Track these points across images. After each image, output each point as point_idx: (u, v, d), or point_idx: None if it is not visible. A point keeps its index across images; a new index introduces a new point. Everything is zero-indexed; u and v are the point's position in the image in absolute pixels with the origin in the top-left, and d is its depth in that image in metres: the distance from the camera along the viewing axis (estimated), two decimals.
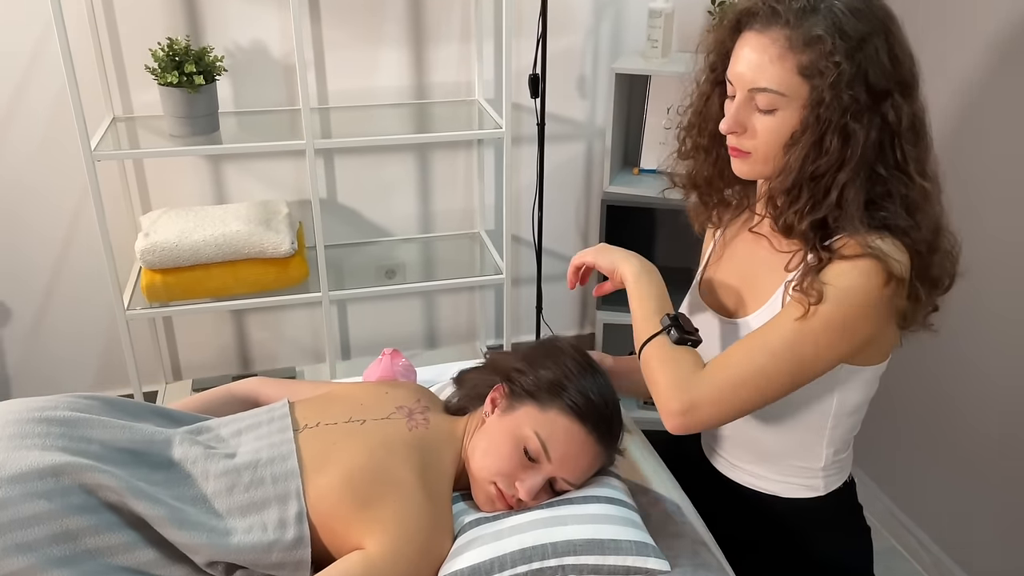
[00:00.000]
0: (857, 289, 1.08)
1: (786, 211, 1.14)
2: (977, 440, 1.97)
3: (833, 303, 1.08)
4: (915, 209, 1.11)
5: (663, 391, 1.12)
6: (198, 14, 2.27)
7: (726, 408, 1.11)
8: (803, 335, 1.09)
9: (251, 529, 1.08)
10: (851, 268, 1.09)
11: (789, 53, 1.09)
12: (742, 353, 1.12)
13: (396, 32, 2.40)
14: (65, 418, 1.12)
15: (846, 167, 1.08)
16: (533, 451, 1.16)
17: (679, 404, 1.10)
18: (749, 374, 1.10)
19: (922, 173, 1.10)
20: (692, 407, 1.10)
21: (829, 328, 1.09)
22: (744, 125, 1.15)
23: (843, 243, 1.11)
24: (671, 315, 1.18)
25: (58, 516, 1.01)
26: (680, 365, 1.13)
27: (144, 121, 2.30)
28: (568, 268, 1.36)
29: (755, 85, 1.12)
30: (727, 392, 1.11)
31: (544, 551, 1.08)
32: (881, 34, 1.07)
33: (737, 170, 1.22)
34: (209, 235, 2.16)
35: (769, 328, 1.12)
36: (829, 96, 1.06)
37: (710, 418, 1.11)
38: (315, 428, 1.20)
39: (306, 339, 2.73)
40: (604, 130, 2.59)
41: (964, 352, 1.96)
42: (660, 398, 1.13)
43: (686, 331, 1.17)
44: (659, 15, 2.30)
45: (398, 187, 2.59)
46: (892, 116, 1.07)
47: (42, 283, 2.43)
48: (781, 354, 1.10)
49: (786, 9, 1.10)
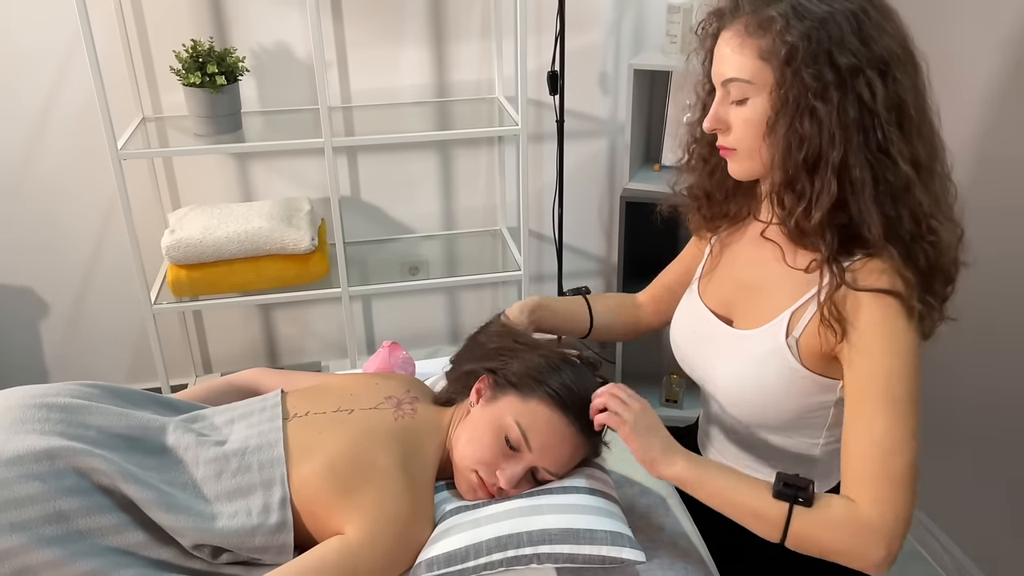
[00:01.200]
0: (902, 329, 1.07)
1: (795, 211, 1.11)
2: (1000, 441, 1.93)
3: (905, 370, 1.06)
4: (898, 199, 1.08)
5: (853, 554, 1.04)
6: (224, 16, 2.33)
7: (907, 515, 1.04)
8: (907, 418, 1.05)
9: (236, 514, 1.11)
10: (892, 321, 1.07)
11: (748, 39, 1.10)
12: (876, 472, 1.04)
13: (417, 31, 2.44)
14: (65, 404, 1.17)
15: (835, 148, 1.06)
16: (514, 440, 1.17)
17: (880, 550, 1.02)
18: (899, 483, 1.04)
19: (907, 158, 1.07)
20: (890, 542, 1.02)
21: (914, 390, 1.07)
22: (724, 121, 1.16)
23: (864, 268, 1.10)
24: (778, 483, 1.07)
25: (51, 497, 1.05)
26: (841, 521, 1.04)
27: (172, 121, 2.36)
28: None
29: (724, 77, 1.13)
30: (899, 503, 1.04)
31: (519, 539, 1.09)
32: (849, 13, 1.06)
33: (731, 171, 1.21)
34: (232, 231, 2.22)
35: (874, 430, 1.06)
36: (789, 76, 1.06)
37: (904, 535, 1.04)
38: (304, 417, 1.23)
39: (332, 334, 2.78)
40: (624, 126, 2.59)
41: (988, 353, 1.92)
42: (854, 561, 1.04)
43: (801, 487, 1.06)
44: (678, 10, 2.29)
45: (421, 184, 2.62)
46: (867, 95, 1.05)
47: (78, 279, 2.52)
48: (905, 442, 1.05)
49: (746, 1, 1.11)
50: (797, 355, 1.16)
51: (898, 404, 1.05)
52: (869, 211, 1.07)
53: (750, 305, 1.25)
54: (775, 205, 1.16)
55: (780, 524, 1.06)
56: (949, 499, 2.12)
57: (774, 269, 1.22)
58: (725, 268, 1.35)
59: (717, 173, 1.30)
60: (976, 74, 1.85)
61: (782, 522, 1.05)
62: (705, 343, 1.31)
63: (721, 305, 1.31)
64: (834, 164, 1.07)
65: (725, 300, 1.31)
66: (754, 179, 1.23)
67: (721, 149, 1.20)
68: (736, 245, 1.34)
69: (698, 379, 1.34)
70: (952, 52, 1.89)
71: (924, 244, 1.10)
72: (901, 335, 1.07)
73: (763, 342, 1.19)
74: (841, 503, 1.05)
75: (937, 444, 2.12)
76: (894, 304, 1.07)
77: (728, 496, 1.09)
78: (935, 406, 2.10)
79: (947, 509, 2.14)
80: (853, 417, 1.08)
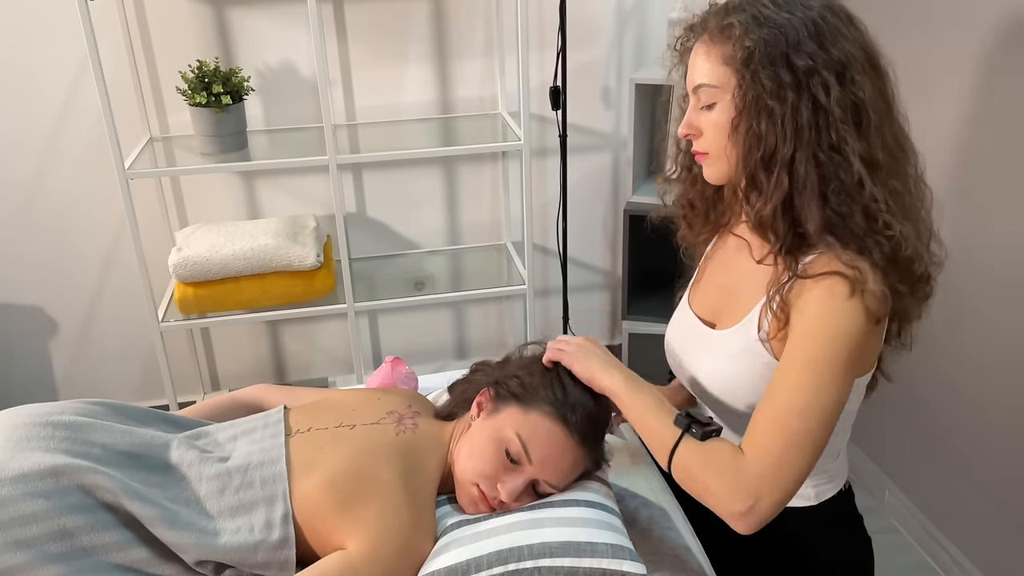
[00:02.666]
0: (847, 316, 1.08)
1: (755, 204, 1.16)
2: (1012, 453, 1.92)
3: (834, 341, 1.08)
4: (850, 195, 1.11)
5: (718, 496, 1.06)
6: (230, 36, 2.35)
7: (787, 481, 1.06)
8: (820, 387, 1.07)
9: (239, 530, 1.12)
10: (828, 297, 1.09)
11: (714, 47, 1.15)
12: (772, 427, 1.07)
13: (420, 49, 2.46)
14: (70, 422, 1.18)
15: (787, 146, 1.10)
16: (514, 453, 1.18)
17: (743, 502, 1.04)
18: (792, 443, 1.06)
19: (862, 157, 1.10)
20: (756, 497, 1.04)
21: (840, 363, 1.08)
22: (696, 127, 1.20)
23: (815, 261, 1.12)
24: (682, 413, 1.13)
25: (55, 515, 1.06)
26: (722, 461, 1.07)
27: (179, 140, 2.39)
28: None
29: (694, 84, 1.18)
30: (783, 466, 1.05)
31: (520, 553, 1.09)
32: (808, 20, 1.10)
33: (705, 175, 1.25)
34: (238, 249, 2.24)
35: (782, 392, 1.09)
36: (748, 77, 1.10)
37: (775, 503, 1.05)
38: (306, 433, 1.24)
39: (339, 350, 2.79)
40: (627, 140, 2.60)
41: (993, 364, 1.92)
42: (718, 503, 1.06)
43: (704, 423, 1.11)
44: (677, 25, 2.30)
45: (426, 200, 2.64)
46: (822, 96, 1.08)
47: (87, 297, 2.54)
48: (811, 409, 1.07)
49: (711, 13, 1.17)
50: (769, 350, 1.18)
51: (815, 369, 1.07)
52: (809, 205, 1.11)
53: (730, 307, 1.28)
54: (744, 203, 1.20)
55: (668, 448, 1.11)
56: (960, 511, 2.11)
57: (746, 267, 1.25)
58: (710, 276, 1.38)
59: (698, 183, 1.34)
60: (945, 80, 1.86)
61: (671, 447, 1.11)
62: (691, 348, 1.33)
63: (708, 311, 1.34)
64: (785, 160, 1.11)
65: (712, 306, 1.33)
66: (727, 182, 1.26)
67: (696, 154, 1.24)
68: (720, 253, 1.38)
69: (688, 384, 1.36)
70: (920, 57, 1.89)
71: (879, 238, 1.11)
72: (836, 309, 1.08)
73: (737, 340, 1.22)
74: (728, 447, 1.09)
75: (952, 460, 2.12)
76: (835, 283, 1.09)
77: (643, 413, 1.15)
78: (948, 422, 2.09)
79: (954, 519, 2.13)
80: (773, 381, 1.11)
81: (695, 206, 1.36)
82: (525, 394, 1.22)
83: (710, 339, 1.28)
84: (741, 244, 1.28)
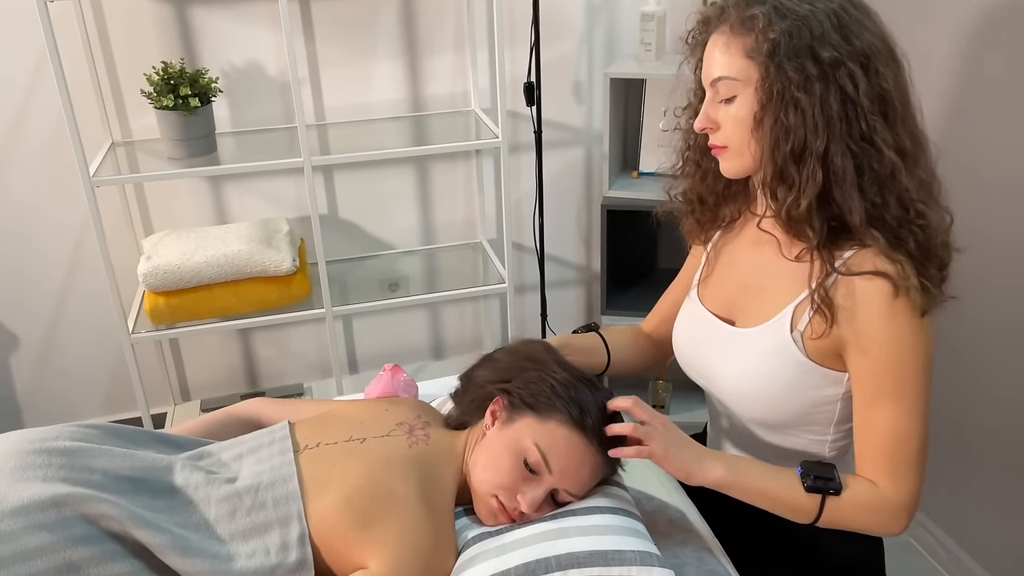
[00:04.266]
0: (900, 311, 1.11)
1: (785, 200, 1.15)
2: (991, 435, 1.96)
3: (896, 343, 1.12)
4: (884, 185, 1.12)
5: (880, 530, 1.19)
6: (192, 37, 2.28)
7: (920, 488, 1.17)
8: (915, 406, 1.14)
9: (254, 553, 1.08)
10: (877, 298, 1.11)
11: (734, 39, 1.14)
12: (896, 456, 1.15)
13: (390, 46, 2.41)
14: (66, 448, 1.12)
15: (819, 137, 1.10)
16: (533, 463, 1.15)
17: (902, 523, 1.17)
18: (915, 462, 1.16)
19: (891, 146, 1.11)
20: (910, 515, 1.16)
21: (923, 374, 1.14)
22: (715, 120, 1.19)
23: (856, 257, 1.13)
24: (803, 472, 1.18)
25: (61, 548, 1.01)
26: (869, 504, 1.16)
27: (143, 145, 2.31)
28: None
29: (712, 77, 1.17)
30: (916, 481, 1.16)
31: (548, 564, 1.07)
32: (829, 11, 1.10)
33: (723, 169, 1.24)
34: (211, 256, 2.17)
35: (888, 411, 1.14)
36: (773, 70, 1.10)
37: (918, 506, 1.17)
38: (315, 449, 1.20)
39: (313, 355, 2.73)
40: (602, 135, 2.59)
41: (982, 359, 1.95)
42: (882, 532, 1.19)
43: (827, 477, 1.17)
44: (652, 18, 2.29)
45: (398, 200, 2.60)
46: (850, 87, 1.09)
47: (48, 309, 2.45)
48: (916, 427, 1.15)
49: (731, 4, 1.16)
50: (803, 348, 1.18)
51: (906, 390, 1.13)
52: (851, 197, 1.12)
53: (752, 304, 1.27)
54: (768, 198, 1.19)
55: (814, 513, 1.17)
56: (943, 493, 2.15)
57: (773, 265, 1.25)
58: (724, 271, 1.36)
59: (708, 177, 1.34)
60: (938, 72, 1.88)
61: (815, 511, 1.16)
62: (708, 345, 1.32)
63: (723, 307, 1.33)
64: (818, 154, 1.11)
65: (727, 302, 1.32)
66: (745, 177, 1.26)
67: (712, 148, 1.23)
68: (733, 247, 1.37)
69: (703, 383, 1.35)
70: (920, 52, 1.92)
71: (913, 228, 1.13)
72: (900, 319, 1.11)
73: (768, 338, 1.21)
74: (866, 488, 1.16)
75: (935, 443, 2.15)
76: (885, 286, 1.10)
77: (765, 493, 1.17)
78: None
79: (941, 503, 2.17)
80: (864, 407, 1.16)
81: (704, 201, 1.35)
82: (540, 403, 1.19)
83: (734, 337, 1.27)
84: (761, 238, 1.27)
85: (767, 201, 1.20)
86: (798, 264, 1.19)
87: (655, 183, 2.46)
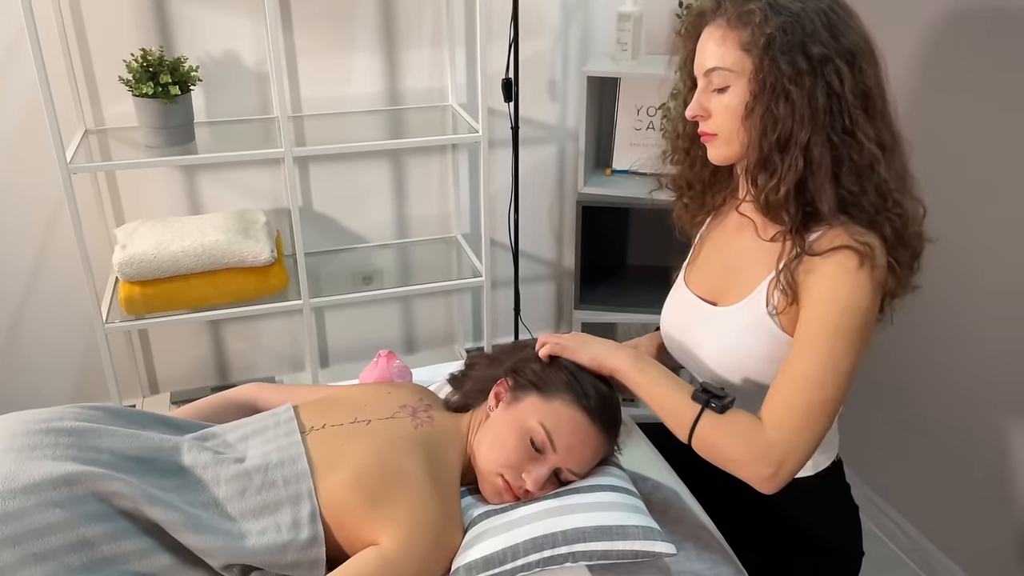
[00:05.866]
0: (859, 289, 1.15)
1: (765, 186, 1.21)
2: (951, 423, 2.04)
3: (847, 313, 1.14)
4: (863, 175, 1.18)
5: (745, 463, 1.14)
6: (168, 25, 2.26)
7: (807, 447, 1.14)
8: (834, 359, 1.14)
9: (265, 531, 1.09)
10: (839, 271, 1.15)
11: (730, 32, 1.19)
12: (791, 398, 1.14)
13: (367, 39, 2.42)
14: (72, 428, 1.12)
15: (804, 129, 1.16)
16: (539, 442, 1.18)
17: (768, 468, 1.12)
18: (810, 413, 1.13)
19: (872, 139, 1.17)
20: (780, 464, 1.12)
21: (853, 334, 1.15)
22: (706, 108, 1.24)
23: (823, 237, 1.18)
24: (698, 387, 1.20)
25: (74, 525, 1.01)
26: (744, 432, 1.15)
27: (116, 133, 2.28)
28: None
29: (706, 67, 1.22)
30: (803, 433, 1.13)
31: (555, 539, 1.11)
32: (819, 10, 1.16)
33: (711, 156, 1.29)
34: (188, 246, 2.15)
35: (798, 363, 1.15)
36: (767, 63, 1.16)
37: (796, 466, 1.14)
38: (321, 430, 1.22)
39: (284, 348, 2.72)
40: (576, 132, 2.63)
41: (951, 351, 2.03)
42: (745, 470, 1.14)
43: (720, 396, 1.18)
44: (628, 18, 2.34)
45: (373, 193, 2.60)
46: (836, 82, 1.15)
47: (15, 298, 2.40)
48: (827, 379, 1.14)
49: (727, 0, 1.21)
50: (778, 322, 1.23)
51: (829, 342, 1.14)
52: (823, 186, 1.17)
53: (733, 284, 1.33)
54: (749, 184, 1.25)
55: (689, 424, 1.17)
56: (905, 481, 2.23)
57: (749, 245, 1.31)
58: (709, 255, 1.42)
59: (696, 164, 1.40)
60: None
61: (691, 422, 1.17)
62: (692, 327, 1.37)
63: (707, 290, 1.38)
64: (801, 143, 1.17)
65: (711, 285, 1.38)
66: (731, 164, 1.32)
67: (703, 135, 1.29)
68: (719, 233, 1.42)
69: (689, 363, 1.40)
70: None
71: (890, 215, 1.20)
72: (848, 283, 1.15)
73: (745, 314, 1.27)
74: (747, 418, 1.16)
75: (894, 430, 2.23)
76: (844, 257, 1.15)
77: (656, 390, 1.21)
78: (892, 393, 2.20)
79: (903, 491, 2.25)
80: (791, 353, 1.17)
81: (692, 187, 1.41)
82: (544, 383, 1.23)
83: (714, 316, 1.32)
84: (743, 222, 1.33)
85: (747, 186, 1.26)
86: (772, 244, 1.25)
87: (628, 180, 2.51)
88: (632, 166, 2.53)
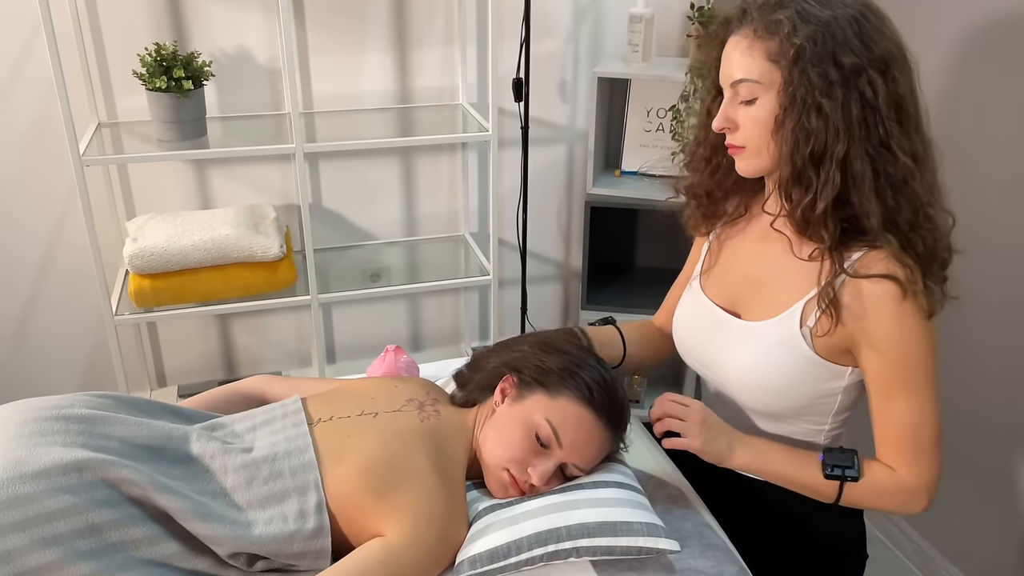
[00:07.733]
0: (908, 311, 1.16)
1: (801, 201, 1.17)
2: (954, 428, 2.03)
3: (905, 341, 1.17)
4: (897, 189, 1.15)
5: (897, 511, 1.26)
6: (182, 20, 2.28)
7: (939, 471, 1.23)
8: (926, 398, 1.19)
9: (272, 520, 1.10)
10: (884, 299, 1.15)
11: (757, 42, 1.16)
12: (910, 444, 1.21)
13: (380, 37, 2.43)
14: (83, 415, 1.14)
15: (840, 142, 1.13)
16: (545, 437, 1.19)
17: (918, 506, 1.23)
18: (928, 448, 1.21)
19: (906, 151, 1.15)
20: (928, 497, 1.23)
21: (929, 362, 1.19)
22: (733, 120, 1.21)
23: (865, 258, 1.17)
24: (823, 458, 1.24)
25: (83, 510, 1.02)
26: (885, 489, 1.23)
27: (129, 127, 2.30)
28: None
29: (733, 79, 1.19)
30: (932, 467, 1.22)
31: (559, 534, 1.11)
32: (850, 18, 1.13)
33: (739, 169, 1.26)
34: (198, 239, 2.17)
35: (899, 412, 1.20)
36: (797, 75, 1.12)
37: (938, 486, 1.24)
38: (329, 422, 1.22)
39: (291, 343, 2.73)
40: (585, 133, 2.64)
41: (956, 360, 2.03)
42: (903, 513, 1.26)
43: (847, 465, 1.23)
44: (639, 20, 2.35)
45: (382, 191, 2.61)
46: (869, 93, 1.12)
47: (25, 288, 2.42)
48: (928, 415, 1.20)
49: (753, 7, 1.18)
50: (811, 344, 1.22)
51: (917, 384, 1.18)
52: (869, 201, 1.15)
53: (758, 297, 1.30)
54: (783, 198, 1.21)
55: (834, 496, 1.24)
56: None
57: (782, 261, 1.27)
58: (728, 263, 1.39)
59: (718, 173, 1.37)
60: None
61: (835, 495, 1.24)
62: (712, 336, 1.35)
63: (726, 299, 1.36)
64: (838, 157, 1.13)
65: (731, 294, 1.35)
66: (759, 176, 1.28)
67: (730, 148, 1.25)
68: (738, 241, 1.39)
69: (705, 372, 1.39)
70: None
71: (922, 232, 1.18)
72: (908, 320, 1.15)
73: (776, 332, 1.25)
74: (884, 473, 1.23)
75: None
76: (893, 288, 1.14)
77: (785, 474, 1.26)
78: None
79: None
80: (879, 400, 1.21)
81: (712, 195, 1.38)
82: (550, 379, 1.23)
83: (741, 330, 1.30)
84: (770, 234, 1.30)
85: (780, 201, 1.22)
86: (809, 263, 1.22)
87: (637, 181, 2.52)
88: (641, 168, 2.54)
